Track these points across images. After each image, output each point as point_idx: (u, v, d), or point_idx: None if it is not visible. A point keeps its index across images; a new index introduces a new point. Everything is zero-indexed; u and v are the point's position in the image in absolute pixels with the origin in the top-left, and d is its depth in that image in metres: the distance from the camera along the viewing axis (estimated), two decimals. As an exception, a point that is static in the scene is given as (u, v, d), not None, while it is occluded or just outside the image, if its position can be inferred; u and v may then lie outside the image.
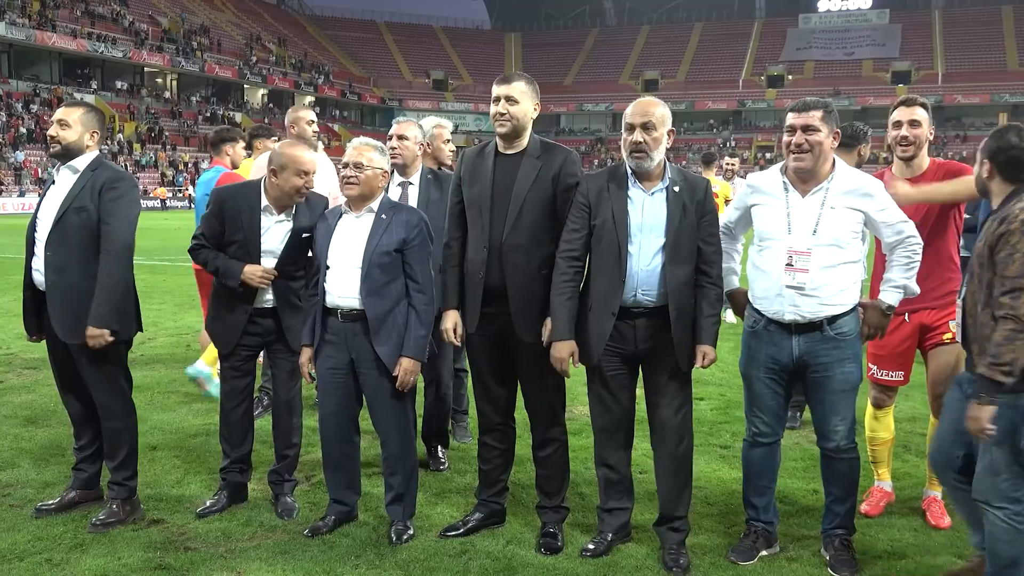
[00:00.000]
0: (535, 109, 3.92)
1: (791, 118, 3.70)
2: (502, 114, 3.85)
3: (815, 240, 3.65)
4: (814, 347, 3.70)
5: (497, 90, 3.88)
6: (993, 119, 66.71)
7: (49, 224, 4.09)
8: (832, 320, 3.68)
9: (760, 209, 3.82)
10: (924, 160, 4.24)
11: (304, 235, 4.21)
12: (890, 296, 3.75)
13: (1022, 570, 3.17)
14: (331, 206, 4.28)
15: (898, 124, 4.20)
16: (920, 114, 4.19)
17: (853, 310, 3.73)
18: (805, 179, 3.71)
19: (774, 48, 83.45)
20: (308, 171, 4.15)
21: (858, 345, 3.78)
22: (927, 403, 4.41)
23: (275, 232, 4.22)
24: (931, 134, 4.24)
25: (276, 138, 6.59)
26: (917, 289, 3.79)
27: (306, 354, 4.14)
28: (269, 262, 4.20)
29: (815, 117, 3.65)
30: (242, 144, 6.60)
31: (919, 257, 3.74)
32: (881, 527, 4.22)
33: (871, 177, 3.82)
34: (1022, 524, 3.16)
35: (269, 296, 4.26)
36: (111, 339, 4.05)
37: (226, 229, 4.21)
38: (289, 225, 4.23)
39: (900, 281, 3.73)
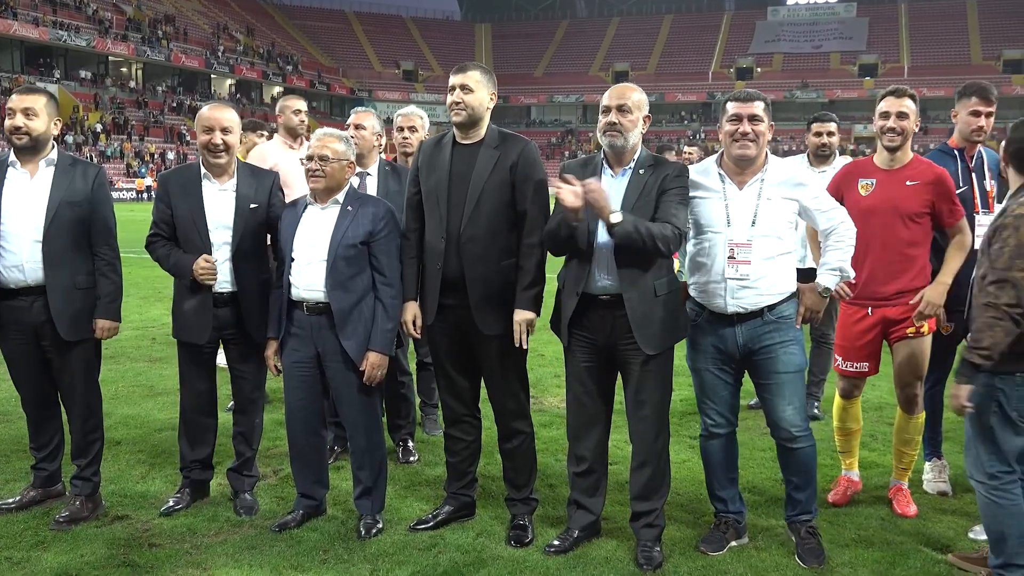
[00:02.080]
0: (491, 99, 3.91)
1: (735, 107, 3.71)
2: (457, 103, 3.84)
3: (754, 231, 3.67)
4: (756, 332, 3.73)
5: (453, 79, 3.88)
6: (957, 112, 67.48)
7: (40, 219, 3.99)
8: (772, 307, 3.72)
9: (698, 202, 3.80)
10: (907, 153, 4.26)
11: (252, 206, 4.13)
12: (826, 279, 3.79)
13: (1010, 545, 3.30)
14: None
15: (886, 115, 4.20)
16: (908, 105, 4.20)
17: (791, 296, 3.77)
18: (743, 169, 3.73)
19: (743, 41, 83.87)
20: (211, 127, 4.06)
21: (799, 329, 3.81)
22: (894, 393, 4.45)
23: (220, 202, 4.12)
24: (917, 126, 4.26)
25: (265, 134, 6.48)
26: (852, 272, 3.82)
27: (272, 347, 4.09)
28: (222, 234, 4.09)
29: (759, 107, 3.70)
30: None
31: (852, 240, 3.78)
32: (848, 516, 4.26)
33: (801, 167, 3.84)
34: (1000, 499, 3.30)
35: (226, 279, 4.11)
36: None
37: (173, 209, 4.13)
38: (234, 195, 4.13)
39: (836, 264, 3.78)
